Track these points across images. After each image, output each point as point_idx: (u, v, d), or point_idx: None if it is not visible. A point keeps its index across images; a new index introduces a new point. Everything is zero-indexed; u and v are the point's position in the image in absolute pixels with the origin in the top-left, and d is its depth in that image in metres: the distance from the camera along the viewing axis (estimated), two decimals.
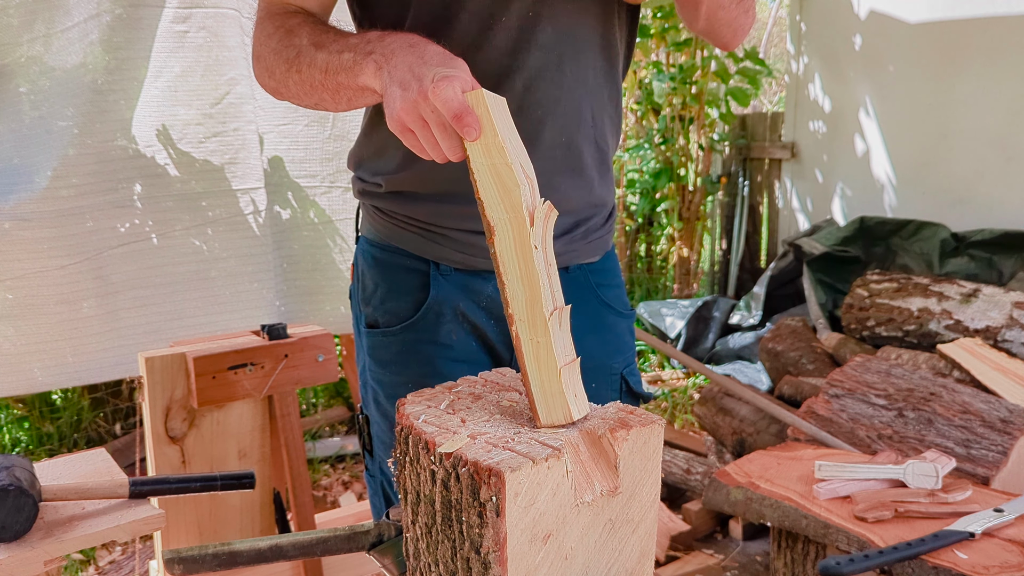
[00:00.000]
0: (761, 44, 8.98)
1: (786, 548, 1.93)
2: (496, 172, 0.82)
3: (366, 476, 1.43)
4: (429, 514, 0.76)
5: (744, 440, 3.10)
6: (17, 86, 2.44)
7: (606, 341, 1.36)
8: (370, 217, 1.35)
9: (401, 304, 1.28)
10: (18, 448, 3.56)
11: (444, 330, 1.27)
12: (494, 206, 0.82)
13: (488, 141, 0.83)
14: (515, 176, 0.81)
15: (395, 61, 0.93)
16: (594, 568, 0.76)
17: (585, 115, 1.23)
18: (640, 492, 0.78)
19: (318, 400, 4.24)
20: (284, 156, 3.07)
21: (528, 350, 0.80)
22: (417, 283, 1.27)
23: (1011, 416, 2.26)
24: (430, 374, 1.26)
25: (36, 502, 1.36)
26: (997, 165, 4.05)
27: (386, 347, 1.30)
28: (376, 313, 1.31)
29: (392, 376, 1.30)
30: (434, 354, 1.27)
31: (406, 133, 0.92)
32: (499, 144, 0.82)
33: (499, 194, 0.82)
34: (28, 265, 2.48)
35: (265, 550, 0.93)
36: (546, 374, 0.79)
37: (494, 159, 0.82)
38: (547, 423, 0.79)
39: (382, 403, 1.33)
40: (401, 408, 0.83)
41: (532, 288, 0.81)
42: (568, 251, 1.31)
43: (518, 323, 0.81)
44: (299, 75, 1.09)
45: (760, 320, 4.63)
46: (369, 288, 1.33)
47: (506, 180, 0.82)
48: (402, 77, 0.91)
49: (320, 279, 3.19)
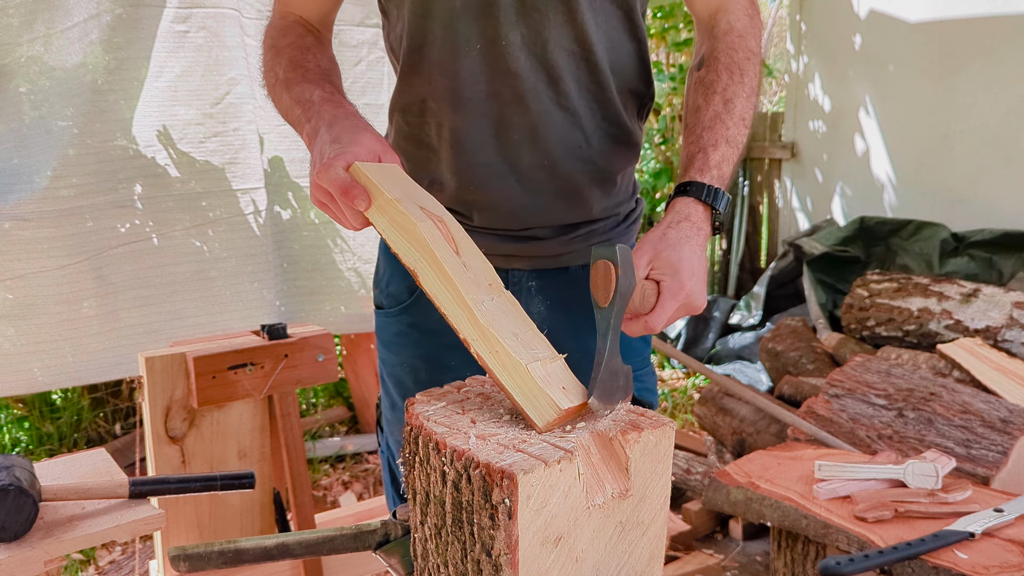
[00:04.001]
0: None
1: (786, 548, 1.93)
2: (397, 224, 0.89)
3: (379, 451, 1.53)
4: (439, 515, 0.75)
5: (744, 440, 3.10)
6: (17, 86, 2.44)
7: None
8: None
9: (400, 288, 1.36)
10: (18, 448, 3.55)
11: (436, 315, 1.30)
12: (406, 252, 0.89)
13: (379, 202, 0.90)
14: (411, 217, 0.88)
15: (316, 139, 1.03)
16: (604, 571, 0.76)
17: (573, 138, 1.22)
18: (651, 494, 0.78)
19: (318, 400, 4.23)
20: (284, 156, 3.07)
21: (492, 363, 0.82)
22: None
23: (1011, 416, 2.26)
24: (423, 356, 1.34)
25: (36, 502, 1.35)
26: (997, 165, 4.05)
27: (387, 327, 1.40)
28: (382, 295, 1.41)
29: (392, 356, 1.39)
30: (425, 338, 1.33)
31: (323, 207, 0.99)
32: (388, 200, 0.89)
33: (406, 240, 0.88)
34: (28, 265, 2.47)
35: (271, 548, 0.93)
36: (518, 378, 0.80)
37: (389, 213, 0.90)
38: (544, 425, 0.77)
39: (385, 380, 1.43)
40: (411, 408, 0.82)
41: (465, 306, 0.84)
42: (567, 251, 1.30)
43: (472, 343, 0.84)
44: (273, 100, 1.21)
45: (760, 320, 4.63)
46: (380, 272, 1.43)
47: (406, 225, 0.88)
48: (313, 158, 1.01)
49: (320, 279, 3.19)
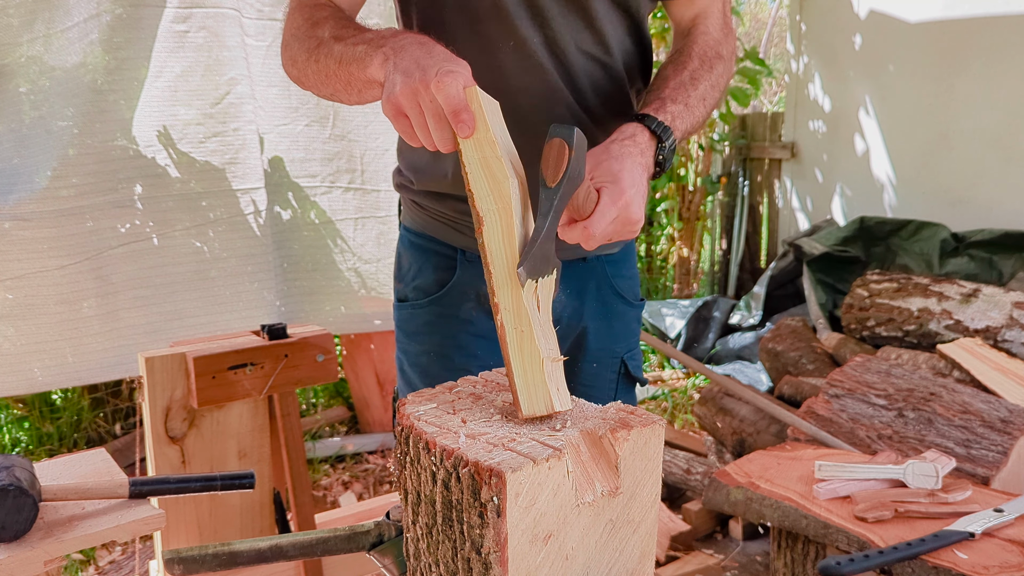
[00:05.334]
0: (761, 44, 8.98)
1: (786, 548, 1.92)
2: (487, 165, 0.85)
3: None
4: (430, 514, 0.76)
5: (744, 440, 3.09)
6: (17, 86, 2.44)
7: (612, 327, 1.45)
8: (408, 208, 1.48)
9: (429, 281, 1.41)
10: (18, 448, 3.55)
11: (465, 307, 1.39)
12: (484, 197, 0.84)
13: (480, 136, 0.86)
14: (504, 168, 0.84)
15: (403, 54, 0.96)
16: (595, 568, 0.76)
17: (590, 136, 1.26)
18: (641, 492, 0.78)
19: (318, 400, 4.24)
20: (284, 156, 3.07)
21: (512, 339, 0.82)
22: (444, 265, 1.40)
23: (1011, 416, 2.26)
24: (450, 344, 1.39)
25: (36, 502, 1.35)
26: (997, 165, 4.04)
27: (413, 319, 1.43)
28: (407, 289, 1.45)
29: (416, 345, 1.43)
30: (455, 327, 1.39)
31: (400, 118, 0.93)
32: (490, 139, 0.85)
33: (489, 185, 0.84)
34: (28, 265, 2.48)
35: (265, 550, 0.93)
36: (529, 363, 0.80)
37: (485, 152, 0.85)
38: (528, 413, 0.79)
39: (406, 371, 1.45)
40: (401, 408, 0.83)
41: (515, 274, 0.82)
42: None
43: (503, 312, 0.83)
44: (317, 65, 1.14)
45: (760, 320, 4.63)
46: (404, 267, 1.46)
47: (496, 172, 0.84)
48: (407, 67, 0.93)
49: (320, 279, 3.19)
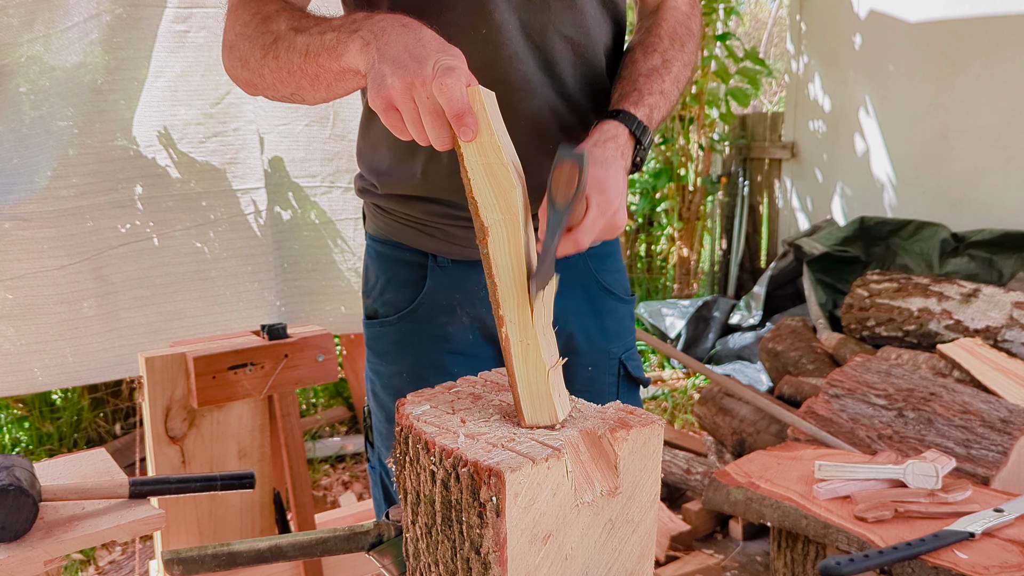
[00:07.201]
0: (761, 44, 8.98)
1: (786, 548, 1.92)
2: (491, 172, 0.80)
3: (368, 468, 1.43)
4: (429, 514, 0.76)
5: (744, 440, 3.09)
6: (17, 86, 2.44)
7: (604, 326, 1.35)
8: (371, 214, 1.36)
9: (399, 295, 1.29)
10: (18, 448, 3.55)
11: (439, 321, 1.28)
12: (489, 207, 0.80)
13: (484, 140, 0.80)
14: (510, 176, 0.79)
15: (387, 39, 0.87)
16: (594, 568, 0.76)
17: (570, 124, 1.21)
18: (640, 492, 0.78)
19: (318, 400, 4.24)
20: (284, 156, 3.07)
21: (517, 352, 0.80)
22: (415, 276, 1.28)
23: (1011, 416, 2.25)
24: (425, 364, 1.27)
25: (36, 502, 1.36)
26: (997, 165, 4.04)
27: (383, 337, 1.31)
28: (375, 304, 1.32)
29: (388, 366, 1.31)
30: (430, 345, 1.27)
31: (391, 111, 0.85)
32: (495, 143, 0.79)
33: (494, 194, 0.80)
34: (28, 265, 2.48)
35: (264, 551, 0.93)
36: (534, 376, 0.80)
37: (490, 158, 0.80)
38: (532, 423, 0.79)
39: (378, 393, 1.33)
40: (401, 408, 0.83)
41: (524, 292, 0.80)
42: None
43: (508, 325, 0.80)
44: (276, 62, 1.01)
45: (760, 320, 4.63)
46: (371, 281, 1.34)
47: (502, 180, 0.79)
48: (396, 56, 0.84)
49: (320, 279, 3.19)
